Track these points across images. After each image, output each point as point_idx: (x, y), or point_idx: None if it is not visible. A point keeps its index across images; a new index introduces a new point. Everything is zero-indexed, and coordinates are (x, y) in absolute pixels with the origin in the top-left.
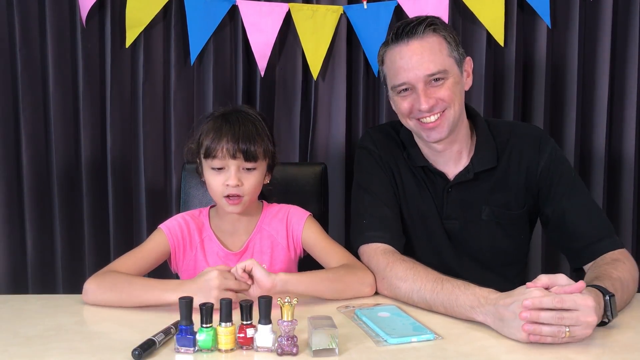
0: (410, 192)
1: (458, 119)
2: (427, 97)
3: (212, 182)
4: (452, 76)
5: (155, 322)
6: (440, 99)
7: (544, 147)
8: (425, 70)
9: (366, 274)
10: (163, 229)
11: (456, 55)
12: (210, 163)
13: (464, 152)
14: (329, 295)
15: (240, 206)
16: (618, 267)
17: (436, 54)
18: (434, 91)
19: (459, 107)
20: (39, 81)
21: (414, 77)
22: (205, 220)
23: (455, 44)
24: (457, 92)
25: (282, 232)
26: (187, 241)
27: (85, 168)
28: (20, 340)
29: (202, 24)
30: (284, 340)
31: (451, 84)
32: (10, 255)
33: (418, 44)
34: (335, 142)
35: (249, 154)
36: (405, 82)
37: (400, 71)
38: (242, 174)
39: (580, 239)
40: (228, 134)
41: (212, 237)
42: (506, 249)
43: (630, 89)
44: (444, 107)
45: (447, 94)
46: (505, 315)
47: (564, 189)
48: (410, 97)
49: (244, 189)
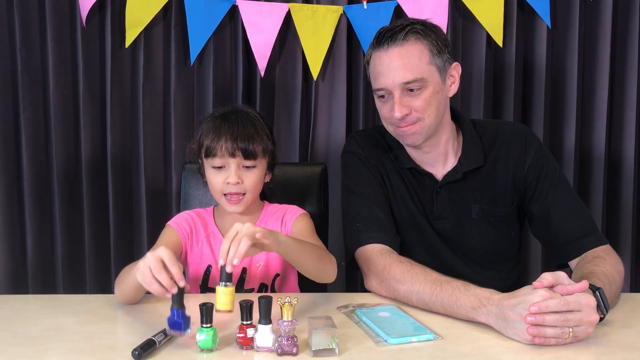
0: (400, 194)
1: (434, 128)
2: (400, 106)
3: (213, 180)
4: (430, 85)
5: (155, 322)
6: (414, 109)
7: (530, 145)
8: (401, 78)
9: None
10: (172, 225)
11: (439, 62)
12: (211, 162)
13: (450, 153)
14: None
15: (241, 205)
16: (600, 264)
17: (414, 62)
18: (409, 100)
19: (434, 116)
20: (39, 81)
21: (390, 83)
22: (210, 218)
23: (439, 51)
24: (433, 102)
25: (278, 230)
26: (194, 235)
27: (85, 168)
28: (20, 340)
29: (202, 24)
30: (284, 340)
31: (428, 94)
32: (10, 255)
33: (397, 51)
34: (335, 142)
35: (248, 152)
36: (383, 88)
37: (378, 76)
38: (242, 172)
39: (564, 235)
40: (227, 133)
41: (217, 234)
42: (498, 246)
43: (630, 90)
44: (417, 119)
45: (421, 104)
46: (510, 316)
47: (549, 186)
48: (388, 102)
49: (244, 186)
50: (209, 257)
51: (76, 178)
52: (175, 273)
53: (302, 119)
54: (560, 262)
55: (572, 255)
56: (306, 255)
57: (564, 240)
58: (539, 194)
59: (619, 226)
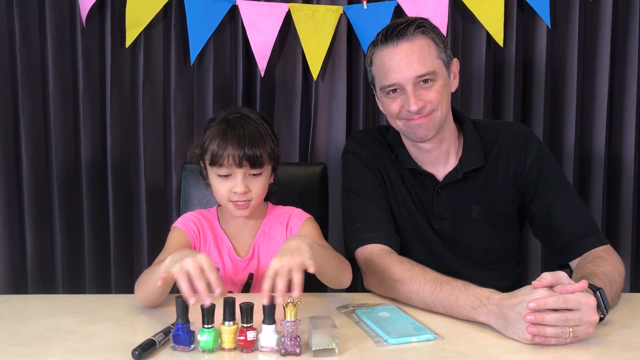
0: (400, 194)
1: (445, 120)
2: (416, 99)
3: (219, 188)
4: (440, 78)
5: (155, 322)
6: (429, 101)
7: (530, 146)
8: (414, 72)
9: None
10: (179, 226)
11: (444, 57)
12: (217, 171)
13: (451, 153)
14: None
15: (248, 210)
16: (600, 264)
17: (425, 56)
18: (423, 93)
19: (446, 109)
20: (39, 81)
21: (403, 78)
22: (215, 221)
23: (443, 45)
24: (444, 94)
25: (282, 234)
26: (202, 237)
27: (85, 168)
28: (20, 340)
29: (202, 24)
30: (288, 341)
31: (440, 86)
32: (10, 255)
33: (407, 46)
34: (335, 142)
35: (255, 161)
36: (395, 84)
37: (389, 72)
38: (249, 180)
39: (565, 235)
40: (233, 142)
41: (224, 237)
42: (498, 246)
43: (630, 90)
44: (432, 109)
45: (435, 97)
46: (510, 316)
47: (550, 186)
48: (399, 98)
49: (251, 194)
50: (217, 260)
51: (76, 178)
52: (212, 280)
53: (302, 119)
54: (561, 263)
55: (573, 255)
56: (329, 261)
57: (564, 241)
58: (539, 195)
59: (619, 226)
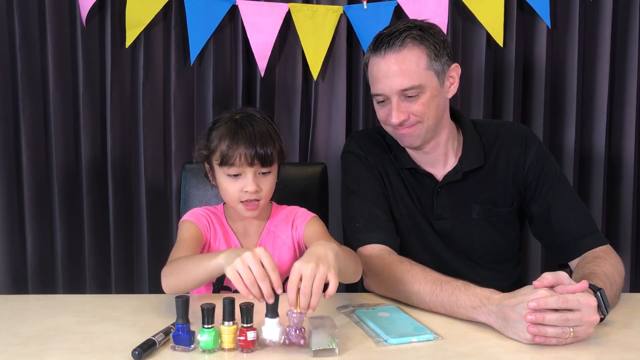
0: (400, 194)
1: (433, 130)
2: (398, 112)
3: (229, 188)
4: (428, 90)
5: (155, 322)
6: (413, 114)
7: (530, 146)
8: (399, 86)
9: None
10: (190, 219)
11: (437, 66)
12: (227, 170)
13: (450, 154)
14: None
15: (257, 210)
16: (600, 264)
17: (412, 69)
18: (407, 105)
19: (433, 119)
20: (39, 81)
21: (388, 90)
22: (222, 217)
23: (437, 54)
24: (432, 105)
25: (287, 233)
26: (212, 231)
27: (85, 168)
28: (20, 340)
29: (202, 24)
30: (293, 332)
31: (426, 98)
32: (10, 255)
33: (394, 57)
34: (335, 142)
35: (265, 159)
36: (381, 94)
37: (376, 82)
38: (259, 179)
39: (565, 235)
40: (245, 141)
41: (232, 234)
42: (498, 246)
43: (630, 90)
44: (417, 121)
45: (420, 109)
46: (510, 316)
47: (549, 186)
48: (386, 106)
49: (261, 193)
50: None
51: (76, 178)
52: (274, 280)
53: (302, 119)
54: (561, 263)
55: (573, 255)
56: (348, 265)
57: (564, 241)
58: (539, 194)
59: (619, 226)
